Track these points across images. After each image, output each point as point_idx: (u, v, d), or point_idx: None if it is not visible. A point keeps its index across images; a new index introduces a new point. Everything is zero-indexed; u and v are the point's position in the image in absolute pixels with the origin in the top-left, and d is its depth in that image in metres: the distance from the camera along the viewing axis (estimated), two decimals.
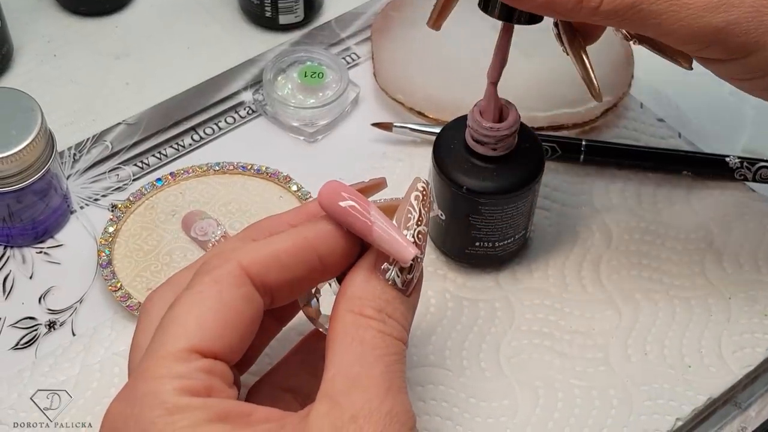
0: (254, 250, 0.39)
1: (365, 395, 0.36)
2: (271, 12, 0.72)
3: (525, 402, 0.54)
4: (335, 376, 0.37)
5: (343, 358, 0.38)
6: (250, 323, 0.39)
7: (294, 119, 0.67)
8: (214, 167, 0.64)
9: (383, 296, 0.40)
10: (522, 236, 0.59)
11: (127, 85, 0.70)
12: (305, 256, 0.40)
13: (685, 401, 0.54)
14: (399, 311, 0.40)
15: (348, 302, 0.40)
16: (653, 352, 0.56)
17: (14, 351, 0.56)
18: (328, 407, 0.36)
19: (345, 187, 0.41)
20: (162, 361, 0.36)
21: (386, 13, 0.73)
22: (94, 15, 0.75)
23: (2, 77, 0.70)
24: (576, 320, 0.57)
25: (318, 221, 0.41)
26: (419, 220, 0.41)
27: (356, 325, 0.39)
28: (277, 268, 0.39)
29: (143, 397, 0.36)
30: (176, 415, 0.35)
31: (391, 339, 0.39)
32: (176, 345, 0.37)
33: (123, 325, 0.57)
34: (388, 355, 0.38)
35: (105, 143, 0.66)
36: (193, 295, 0.38)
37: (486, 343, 0.56)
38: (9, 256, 0.60)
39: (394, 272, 0.40)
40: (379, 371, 0.37)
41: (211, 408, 0.35)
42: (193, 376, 0.36)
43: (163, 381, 0.36)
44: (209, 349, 0.37)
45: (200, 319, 0.37)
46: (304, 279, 0.41)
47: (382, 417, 0.36)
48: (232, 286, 0.38)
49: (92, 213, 0.63)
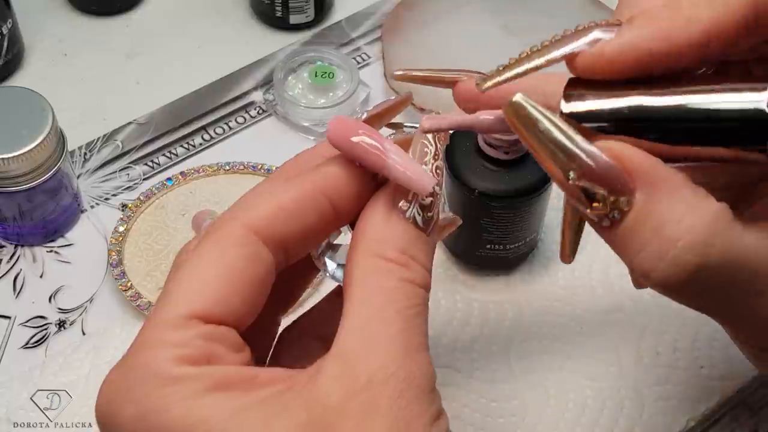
0: (257, 205, 0.37)
1: (381, 358, 0.34)
2: (281, 12, 0.72)
3: (535, 402, 0.54)
4: (349, 332, 0.35)
5: (360, 312, 0.35)
6: (259, 284, 0.36)
7: (304, 119, 0.67)
8: (225, 167, 0.64)
9: (405, 235, 0.36)
10: (533, 239, 0.58)
11: (137, 85, 0.71)
12: (314, 204, 0.37)
13: (696, 402, 0.54)
14: (423, 252, 0.37)
15: (367, 244, 0.36)
16: (665, 352, 0.56)
17: (24, 350, 0.56)
18: (339, 369, 0.34)
19: (354, 121, 0.37)
20: (159, 329, 0.34)
21: (397, 13, 0.73)
22: (105, 14, 0.75)
23: (13, 76, 0.70)
24: (586, 321, 0.57)
25: (326, 164, 0.38)
26: (436, 155, 0.38)
27: (376, 270, 0.36)
28: (284, 220, 0.36)
29: (139, 367, 0.34)
30: (172, 386, 0.33)
31: (413, 288, 0.36)
32: (175, 311, 0.35)
33: (133, 324, 0.57)
34: (409, 308, 0.35)
35: (115, 142, 0.66)
36: (194, 258, 0.36)
37: (496, 344, 0.56)
38: (20, 255, 0.61)
39: (415, 210, 0.37)
40: (397, 329, 0.34)
41: (209, 377, 0.33)
42: (191, 344, 0.34)
43: (160, 350, 0.34)
44: (210, 314, 0.35)
45: (201, 283, 0.35)
46: (316, 228, 0.37)
47: (398, 383, 0.33)
48: (234, 246, 0.36)
49: (103, 212, 0.63)
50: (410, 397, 0.34)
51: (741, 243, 0.32)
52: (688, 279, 0.33)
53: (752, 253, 0.33)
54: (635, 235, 0.33)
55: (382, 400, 0.33)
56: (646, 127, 0.33)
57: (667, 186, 0.33)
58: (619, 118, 0.33)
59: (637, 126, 0.33)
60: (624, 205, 0.33)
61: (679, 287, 0.33)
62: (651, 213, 0.33)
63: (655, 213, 0.33)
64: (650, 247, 0.33)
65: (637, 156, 0.33)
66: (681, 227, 0.32)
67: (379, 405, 0.33)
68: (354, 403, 0.33)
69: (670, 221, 0.33)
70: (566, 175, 0.33)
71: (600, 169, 0.33)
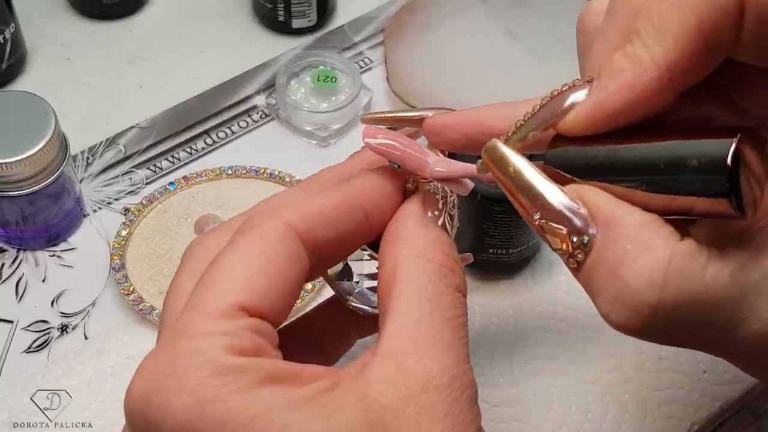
0: (301, 205, 0.37)
1: (438, 363, 0.33)
2: (284, 16, 0.72)
3: (538, 407, 0.54)
4: (399, 333, 0.34)
5: (408, 313, 0.34)
6: (297, 284, 0.36)
7: (307, 123, 0.67)
8: (227, 171, 0.64)
9: (447, 241, 0.37)
10: (535, 243, 0.58)
11: (140, 89, 0.71)
12: (352, 213, 0.37)
13: (700, 406, 0.54)
14: (457, 261, 0.37)
15: (408, 246, 0.36)
16: (668, 357, 0.56)
17: (27, 354, 0.56)
18: (393, 370, 0.33)
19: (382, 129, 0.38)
20: (207, 317, 0.33)
21: (399, 17, 0.73)
22: (108, 19, 0.75)
23: (16, 81, 0.70)
24: (589, 326, 0.57)
25: (360, 176, 0.38)
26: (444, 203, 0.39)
27: (421, 271, 0.35)
28: (325, 225, 0.36)
29: (188, 355, 0.33)
30: (227, 376, 0.32)
31: (458, 296, 0.35)
32: (223, 300, 0.34)
33: (135, 328, 0.57)
34: (456, 318, 0.35)
35: (118, 147, 0.66)
36: (238, 249, 0.35)
37: (499, 349, 0.56)
38: (22, 259, 0.61)
39: (445, 219, 0.37)
40: (449, 338, 0.34)
41: (262, 369, 0.33)
42: (241, 335, 0.33)
43: (210, 338, 0.33)
44: (256, 306, 0.34)
45: (247, 274, 0.35)
46: (350, 237, 0.37)
47: (454, 390, 0.33)
48: (279, 242, 0.35)
49: (105, 216, 0.63)
50: (464, 405, 0.34)
51: (700, 280, 0.32)
52: (644, 322, 0.32)
53: (714, 287, 0.32)
54: (594, 276, 0.33)
55: (439, 405, 0.33)
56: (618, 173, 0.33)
57: (626, 227, 0.33)
58: (592, 165, 0.34)
59: (609, 173, 0.34)
60: (586, 245, 0.33)
61: (638, 329, 0.33)
62: (607, 254, 0.33)
63: (610, 254, 0.33)
64: (606, 290, 0.33)
65: (598, 198, 0.33)
66: (634, 269, 0.32)
67: (436, 410, 0.33)
68: (411, 406, 0.33)
69: (625, 263, 0.32)
70: (532, 214, 0.34)
71: (557, 209, 0.34)
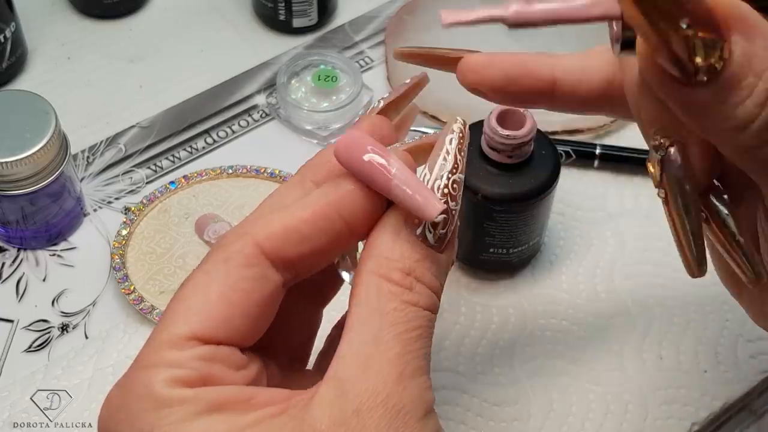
0: (270, 222, 0.36)
1: (373, 384, 0.33)
2: (284, 15, 0.72)
3: (538, 406, 0.54)
4: (347, 356, 0.34)
5: (359, 334, 0.35)
6: (264, 305, 0.36)
7: (307, 123, 0.67)
8: (228, 170, 0.64)
9: (413, 255, 0.36)
10: (536, 242, 0.58)
11: (140, 88, 0.71)
12: (329, 223, 0.36)
13: (700, 406, 0.54)
14: (430, 272, 0.36)
15: (373, 262, 0.36)
16: (668, 357, 0.56)
17: (27, 353, 0.56)
18: (334, 394, 0.34)
19: (363, 137, 0.37)
20: (157, 349, 0.35)
21: (400, 16, 0.73)
22: (109, 18, 0.75)
23: (17, 80, 0.70)
24: (590, 326, 0.57)
25: (340, 180, 0.37)
26: (454, 167, 0.36)
27: (378, 291, 0.35)
28: (297, 240, 0.36)
29: (135, 387, 0.34)
30: (165, 409, 0.33)
31: (416, 311, 0.35)
32: (175, 331, 0.35)
33: (135, 328, 0.57)
34: (409, 332, 0.35)
35: (118, 146, 0.66)
36: (201, 275, 0.36)
37: (499, 348, 0.56)
38: (22, 258, 0.61)
39: (426, 227, 0.36)
40: (395, 353, 0.34)
41: (203, 399, 0.34)
42: (188, 365, 0.34)
43: (155, 371, 0.34)
44: (211, 335, 0.35)
45: (203, 302, 0.35)
46: (329, 246, 0.37)
47: (387, 411, 0.33)
48: (241, 266, 0.36)
49: (105, 216, 0.63)
50: (398, 425, 0.33)
51: None
52: None
53: None
54: (738, 82, 0.33)
55: (370, 428, 0.33)
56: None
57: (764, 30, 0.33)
58: None
59: None
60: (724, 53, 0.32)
61: None
62: (754, 57, 0.33)
63: (757, 57, 0.33)
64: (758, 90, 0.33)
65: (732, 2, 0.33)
66: None
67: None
68: (342, 431, 0.33)
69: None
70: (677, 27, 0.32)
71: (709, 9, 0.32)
